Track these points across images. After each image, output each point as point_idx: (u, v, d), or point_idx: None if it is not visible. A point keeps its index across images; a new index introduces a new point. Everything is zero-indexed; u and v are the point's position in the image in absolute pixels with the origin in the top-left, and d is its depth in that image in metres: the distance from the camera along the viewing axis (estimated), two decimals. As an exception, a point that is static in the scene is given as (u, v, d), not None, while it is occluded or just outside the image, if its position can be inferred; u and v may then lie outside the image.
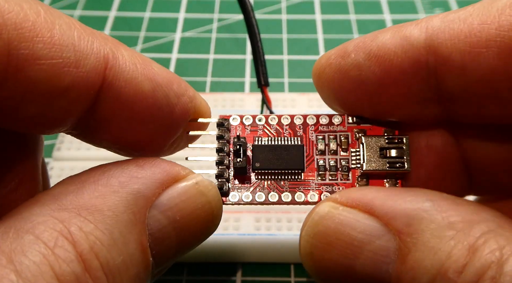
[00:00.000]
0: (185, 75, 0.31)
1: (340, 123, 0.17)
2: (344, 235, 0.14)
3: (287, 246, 0.21)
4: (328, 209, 0.15)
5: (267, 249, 0.21)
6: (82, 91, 0.14)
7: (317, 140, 0.17)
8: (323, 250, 0.15)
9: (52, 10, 0.14)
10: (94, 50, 0.14)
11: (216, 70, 0.32)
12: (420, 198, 0.14)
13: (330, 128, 0.17)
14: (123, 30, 0.34)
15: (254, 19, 0.22)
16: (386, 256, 0.14)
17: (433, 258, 0.13)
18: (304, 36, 0.34)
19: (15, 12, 0.13)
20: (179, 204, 0.15)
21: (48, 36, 0.13)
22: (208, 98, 0.27)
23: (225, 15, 0.35)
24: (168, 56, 0.32)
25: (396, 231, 0.14)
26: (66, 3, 0.36)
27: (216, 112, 0.26)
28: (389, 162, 0.17)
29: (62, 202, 0.13)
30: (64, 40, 0.13)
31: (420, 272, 0.13)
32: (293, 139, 0.17)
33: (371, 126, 0.17)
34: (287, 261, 0.22)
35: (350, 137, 0.17)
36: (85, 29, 0.14)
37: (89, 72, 0.14)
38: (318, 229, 0.15)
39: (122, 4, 0.36)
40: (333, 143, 0.17)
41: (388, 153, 0.17)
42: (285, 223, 0.21)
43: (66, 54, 0.13)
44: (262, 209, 0.22)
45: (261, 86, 0.22)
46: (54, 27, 0.13)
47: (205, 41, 0.34)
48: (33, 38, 0.13)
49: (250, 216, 0.22)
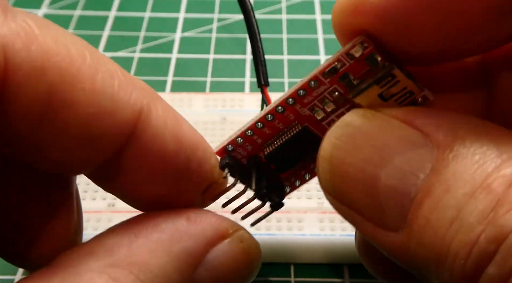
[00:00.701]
0: (185, 75, 0.31)
1: (318, 86, 0.14)
2: (376, 140, 0.12)
3: (287, 246, 0.21)
4: (362, 112, 0.13)
5: (266, 249, 0.21)
6: (112, 140, 0.14)
7: (313, 113, 0.15)
8: (346, 152, 0.13)
9: (97, 55, 0.14)
10: (131, 101, 0.14)
11: (216, 70, 0.32)
12: (467, 118, 0.12)
13: (315, 94, 0.15)
14: (123, 30, 0.34)
15: (254, 19, 0.22)
16: (419, 167, 0.12)
17: (476, 171, 0.11)
18: (304, 36, 0.34)
19: (62, 56, 0.13)
20: (224, 263, 0.15)
21: (90, 84, 0.13)
22: (208, 98, 0.27)
23: (225, 15, 0.35)
24: (168, 56, 0.32)
25: (436, 142, 0.12)
26: (66, 3, 0.36)
27: (216, 112, 0.27)
28: (396, 100, 0.13)
29: (115, 257, 0.13)
30: (104, 88, 0.13)
31: (457, 184, 0.11)
32: (292, 129, 0.16)
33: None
34: (286, 261, 0.22)
35: (342, 90, 0.14)
36: (126, 76, 0.14)
37: (123, 123, 0.14)
38: (346, 130, 0.13)
39: (122, 4, 0.36)
40: (328, 103, 0.15)
41: (388, 94, 0.13)
42: (285, 223, 0.21)
43: (104, 103, 0.13)
44: (262, 208, 0.22)
45: (261, 86, 0.22)
46: (97, 74, 0.13)
47: (205, 41, 0.34)
48: (76, 85, 0.13)
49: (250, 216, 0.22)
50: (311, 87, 0.14)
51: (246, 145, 0.16)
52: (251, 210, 0.17)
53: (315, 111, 0.15)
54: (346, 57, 0.13)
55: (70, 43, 0.13)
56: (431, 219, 0.11)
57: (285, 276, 0.21)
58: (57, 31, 0.13)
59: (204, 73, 0.31)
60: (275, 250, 0.21)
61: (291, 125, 0.16)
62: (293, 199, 0.22)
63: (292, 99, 0.15)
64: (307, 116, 0.15)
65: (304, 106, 0.15)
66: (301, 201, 0.22)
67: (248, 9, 0.22)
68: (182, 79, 0.31)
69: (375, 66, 0.13)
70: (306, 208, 0.22)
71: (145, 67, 0.32)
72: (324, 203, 0.22)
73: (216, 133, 0.25)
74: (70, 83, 0.13)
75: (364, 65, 0.13)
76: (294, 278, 0.21)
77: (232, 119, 0.25)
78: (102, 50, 0.33)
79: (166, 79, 0.31)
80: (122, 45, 0.33)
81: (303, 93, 0.14)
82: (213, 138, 0.25)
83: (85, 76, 0.13)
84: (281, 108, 0.15)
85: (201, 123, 0.26)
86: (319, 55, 0.32)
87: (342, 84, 0.14)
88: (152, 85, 0.31)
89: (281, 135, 0.16)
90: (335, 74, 0.14)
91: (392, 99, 0.13)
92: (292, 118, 0.15)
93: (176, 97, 0.27)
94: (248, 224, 0.17)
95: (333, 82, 0.14)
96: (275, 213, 0.22)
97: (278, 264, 0.22)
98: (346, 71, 0.14)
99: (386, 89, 0.13)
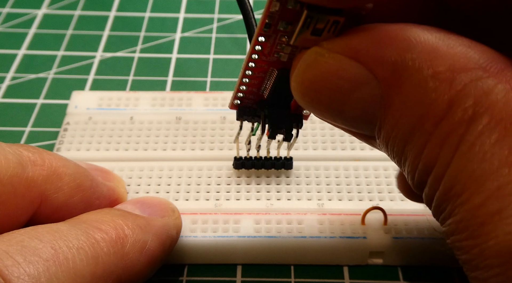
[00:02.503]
0: (185, 75, 0.31)
1: (268, 39, 0.16)
2: (331, 83, 0.14)
3: (287, 248, 0.21)
4: (314, 56, 0.14)
5: (267, 251, 0.21)
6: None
7: (279, 58, 0.17)
8: (312, 97, 0.14)
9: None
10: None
11: (216, 70, 0.32)
12: (407, 42, 0.13)
13: (270, 45, 0.16)
14: (123, 30, 0.34)
15: (254, 20, 0.22)
16: (372, 102, 0.13)
17: (413, 109, 0.12)
18: (305, 36, 0.34)
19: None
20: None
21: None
22: (208, 97, 0.27)
23: (225, 15, 0.35)
24: (168, 56, 0.32)
25: (380, 78, 0.13)
26: (66, 3, 0.36)
27: (216, 112, 0.26)
28: (329, 31, 0.14)
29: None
30: None
31: (400, 122, 0.13)
32: (272, 74, 0.18)
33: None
34: (287, 263, 0.22)
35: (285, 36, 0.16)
36: None
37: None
38: (305, 76, 0.14)
39: (122, 4, 0.36)
40: (285, 48, 0.16)
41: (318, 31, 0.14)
42: (285, 225, 0.21)
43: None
44: (262, 210, 0.22)
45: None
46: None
47: (205, 41, 0.34)
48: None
49: (250, 218, 0.22)
50: (263, 42, 0.16)
51: (249, 95, 0.19)
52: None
53: (280, 56, 0.17)
54: (271, 11, 0.15)
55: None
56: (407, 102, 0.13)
57: (286, 277, 0.21)
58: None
59: (204, 73, 0.31)
60: (275, 252, 0.21)
61: (270, 71, 0.18)
62: (293, 201, 0.22)
63: (255, 54, 0.17)
64: (276, 61, 0.17)
65: (268, 56, 0.17)
66: (300, 203, 0.22)
67: (247, 9, 0.22)
68: (182, 79, 0.31)
69: (295, 9, 0.15)
70: (306, 209, 0.22)
71: (145, 67, 0.32)
72: (323, 204, 0.22)
73: (216, 133, 0.25)
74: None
75: (290, 11, 0.15)
76: (295, 279, 0.21)
77: (232, 119, 0.25)
78: (102, 50, 0.33)
79: (166, 79, 0.31)
80: (122, 45, 0.33)
81: (260, 48, 0.17)
82: (213, 138, 0.25)
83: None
84: (253, 64, 0.17)
85: (201, 123, 0.26)
86: (320, 55, 0.32)
87: (282, 32, 0.16)
88: (152, 85, 0.31)
89: (268, 81, 0.18)
90: (272, 26, 0.15)
91: (326, 33, 0.15)
92: (266, 67, 0.18)
93: (176, 96, 0.27)
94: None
95: (276, 32, 0.16)
96: (275, 214, 0.22)
97: (278, 265, 0.22)
98: (278, 20, 0.15)
99: (314, 28, 0.14)
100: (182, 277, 0.21)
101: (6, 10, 0.36)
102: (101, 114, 0.26)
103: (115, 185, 0.21)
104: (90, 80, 0.31)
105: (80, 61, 0.32)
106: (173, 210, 0.21)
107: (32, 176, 0.17)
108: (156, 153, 0.24)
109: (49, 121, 0.28)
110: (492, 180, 0.11)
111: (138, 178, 0.23)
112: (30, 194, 0.17)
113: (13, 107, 0.29)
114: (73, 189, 0.18)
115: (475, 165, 0.12)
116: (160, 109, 0.26)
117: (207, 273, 0.21)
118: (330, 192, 0.23)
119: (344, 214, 0.22)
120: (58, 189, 0.18)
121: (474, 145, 0.12)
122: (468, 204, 0.12)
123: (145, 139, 0.25)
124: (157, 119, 0.26)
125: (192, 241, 0.21)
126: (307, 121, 0.20)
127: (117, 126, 0.25)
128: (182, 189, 0.23)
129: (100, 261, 0.16)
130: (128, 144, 0.25)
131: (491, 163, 0.12)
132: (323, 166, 0.24)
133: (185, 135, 0.25)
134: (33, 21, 0.35)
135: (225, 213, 0.22)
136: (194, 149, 0.25)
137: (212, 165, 0.24)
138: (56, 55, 0.32)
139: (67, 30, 0.34)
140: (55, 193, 0.18)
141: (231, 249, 0.21)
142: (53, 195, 0.18)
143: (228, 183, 0.23)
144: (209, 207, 0.22)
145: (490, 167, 0.12)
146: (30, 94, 0.30)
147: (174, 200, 0.22)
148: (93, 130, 0.25)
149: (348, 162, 0.24)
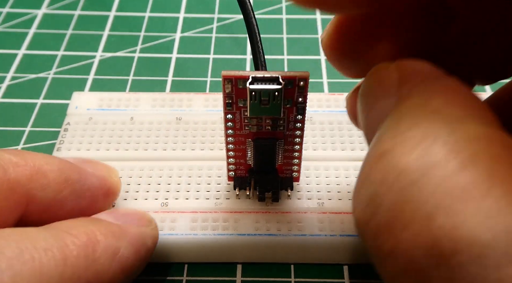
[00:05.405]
0: (185, 75, 0.31)
1: (234, 116, 0.19)
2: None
3: (287, 246, 0.21)
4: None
5: (267, 249, 0.21)
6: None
7: (250, 129, 0.19)
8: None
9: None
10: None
11: (216, 70, 0.32)
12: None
13: (238, 120, 0.19)
14: (123, 30, 0.34)
15: (254, 19, 0.22)
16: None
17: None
18: (304, 36, 0.34)
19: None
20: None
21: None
22: (208, 98, 0.27)
23: (225, 15, 0.35)
24: (168, 56, 0.32)
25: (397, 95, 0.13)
26: (66, 3, 0.36)
27: (216, 113, 0.26)
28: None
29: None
30: None
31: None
32: (250, 144, 0.20)
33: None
34: (287, 261, 0.22)
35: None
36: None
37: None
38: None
39: (122, 4, 0.36)
40: (251, 120, 0.19)
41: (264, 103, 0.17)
42: (285, 224, 0.21)
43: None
44: (261, 209, 0.22)
45: (261, 86, 0.21)
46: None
47: (205, 41, 0.34)
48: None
49: (249, 216, 0.22)
50: (231, 118, 0.19)
51: (239, 166, 0.21)
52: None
53: (250, 128, 0.19)
54: (227, 93, 0.18)
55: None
56: None
57: (286, 276, 0.21)
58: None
59: (204, 73, 0.31)
60: (275, 250, 0.21)
61: (248, 142, 0.20)
62: (293, 200, 0.22)
63: (230, 130, 0.20)
64: (249, 133, 0.20)
65: (240, 129, 0.19)
66: (301, 202, 0.22)
67: (248, 9, 0.22)
68: (182, 79, 0.31)
69: (245, 88, 0.17)
70: (306, 208, 0.22)
71: (145, 67, 0.32)
72: (324, 203, 0.22)
73: (216, 133, 0.25)
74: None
75: (243, 90, 0.18)
76: (294, 278, 0.21)
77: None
78: (102, 50, 0.33)
79: (166, 79, 0.31)
80: (122, 45, 0.33)
81: (231, 124, 0.19)
82: (213, 138, 0.25)
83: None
84: (232, 139, 0.20)
85: (201, 123, 0.26)
86: (319, 55, 0.32)
87: (244, 107, 0.18)
88: (152, 85, 0.31)
89: (249, 151, 0.20)
90: (233, 104, 0.18)
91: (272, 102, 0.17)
92: (243, 140, 0.20)
93: (176, 97, 0.27)
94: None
95: (238, 109, 0.19)
96: (275, 214, 0.22)
97: (278, 264, 0.22)
98: (236, 99, 0.18)
99: (261, 99, 0.17)
100: (182, 277, 0.21)
101: (6, 10, 0.36)
102: (101, 114, 0.26)
103: (106, 174, 0.21)
104: (90, 80, 0.31)
105: (80, 61, 0.32)
106: (149, 220, 0.20)
107: (14, 177, 0.17)
108: (156, 153, 0.24)
109: (49, 121, 0.28)
110: None
111: (138, 178, 0.23)
112: (14, 195, 0.17)
113: (13, 107, 0.29)
114: (60, 184, 0.18)
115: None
116: (160, 110, 0.26)
117: (207, 273, 0.21)
118: (330, 192, 0.23)
119: (344, 212, 0.22)
120: (44, 186, 0.18)
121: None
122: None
123: (145, 140, 0.25)
124: (157, 120, 0.26)
125: (192, 239, 0.21)
126: (307, 122, 0.20)
127: (117, 127, 0.25)
128: (182, 188, 0.23)
129: (68, 263, 0.15)
130: (128, 144, 0.25)
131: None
132: (323, 166, 0.24)
133: (185, 135, 0.25)
134: (33, 21, 0.35)
135: (225, 211, 0.22)
136: (194, 148, 0.25)
137: (212, 164, 0.24)
138: (56, 55, 0.32)
139: (67, 30, 0.34)
140: (42, 191, 0.18)
141: (231, 247, 0.21)
142: (40, 193, 0.18)
143: (228, 182, 0.23)
144: (209, 206, 0.22)
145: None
146: (30, 94, 0.30)
147: (174, 199, 0.22)
148: (94, 131, 0.25)
149: (348, 162, 0.24)
